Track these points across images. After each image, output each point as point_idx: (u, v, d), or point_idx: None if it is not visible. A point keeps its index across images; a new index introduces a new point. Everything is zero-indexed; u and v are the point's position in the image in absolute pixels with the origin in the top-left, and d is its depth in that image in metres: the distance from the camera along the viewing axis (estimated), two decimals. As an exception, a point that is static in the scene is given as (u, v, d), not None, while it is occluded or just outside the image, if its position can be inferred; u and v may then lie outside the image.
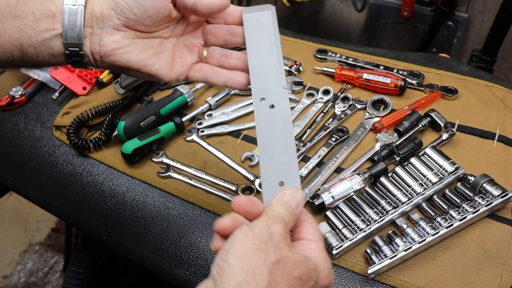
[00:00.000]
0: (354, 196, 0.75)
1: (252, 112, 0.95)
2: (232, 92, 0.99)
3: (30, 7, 0.54)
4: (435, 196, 0.74)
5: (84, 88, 1.03)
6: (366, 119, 0.90)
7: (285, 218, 0.47)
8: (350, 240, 0.69)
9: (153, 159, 0.89)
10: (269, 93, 0.57)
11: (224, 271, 0.40)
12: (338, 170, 0.82)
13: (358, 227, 0.71)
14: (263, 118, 0.57)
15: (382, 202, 0.73)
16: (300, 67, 1.03)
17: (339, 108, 0.93)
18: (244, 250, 0.41)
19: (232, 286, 0.39)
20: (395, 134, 0.86)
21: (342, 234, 0.71)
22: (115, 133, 0.92)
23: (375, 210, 0.73)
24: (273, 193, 0.52)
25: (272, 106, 0.57)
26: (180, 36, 0.62)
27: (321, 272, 0.46)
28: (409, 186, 0.75)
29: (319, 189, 0.78)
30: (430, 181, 0.75)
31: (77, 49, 0.55)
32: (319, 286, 0.46)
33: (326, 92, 0.96)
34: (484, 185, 0.72)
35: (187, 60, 0.62)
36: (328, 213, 0.74)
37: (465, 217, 0.68)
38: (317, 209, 0.74)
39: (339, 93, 0.96)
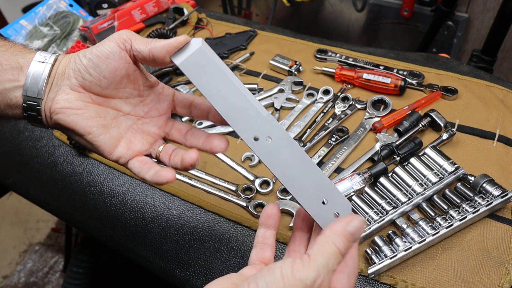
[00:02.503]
0: (354, 196, 0.75)
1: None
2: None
3: None
4: (435, 196, 0.74)
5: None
6: (366, 119, 0.90)
7: (339, 259, 0.42)
8: (350, 240, 0.69)
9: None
10: (257, 129, 0.52)
11: None
12: (338, 170, 0.82)
13: (358, 227, 0.71)
14: (267, 155, 0.52)
15: (382, 202, 0.73)
16: (300, 67, 1.03)
17: (339, 108, 0.93)
18: None
19: None
20: (395, 134, 0.86)
21: (342, 234, 0.71)
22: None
23: (375, 210, 0.73)
24: (324, 214, 0.51)
25: (268, 138, 0.52)
26: (140, 118, 0.59)
27: None
28: (409, 186, 0.75)
29: (319, 189, 0.78)
30: (430, 181, 0.75)
31: (35, 103, 0.55)
32: None
33: (326, 92, 0.96)
34: (484, 185, 0.72)
35: (135, 146, 0.58)
36: (328, 213, 0.74)
37: (465, 217, 0.68)
38: (317, 209, 0.74)
39: (339, 93, 0.96)
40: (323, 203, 0.52)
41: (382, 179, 0.76)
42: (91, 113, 0.56)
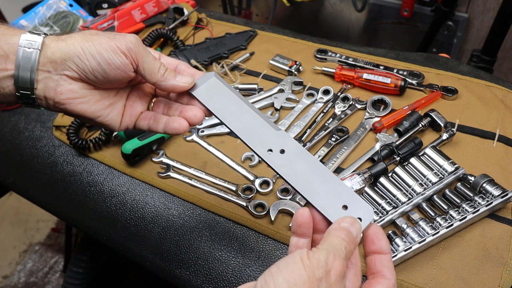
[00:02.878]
0: (354, 196, 0.75)
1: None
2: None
3: None
4: (435, 196, 0.74)
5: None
6: (366, 119, 0.90)
7: (347, 248, 0.46)
8: (350, 240, 0.69)
9: (153, 159, 0.89)
10: (271, 143, 0.57)
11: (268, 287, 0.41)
12: (338, 170, 0.82)
13: (358, 227, 0.71)
14: (282, 167, 0.55)
15: (382, 202, 0.73)
16: (300, 67, 1.03)
17: (339, 108, 0.93)
18: (296, 277, 0.40)
19: None
20: (395, 134, 0.86)
21: (342, 234, 0.71)
22: (115, 133, 0.92)
23: (375, 210, 0.73)
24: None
25: (282, 151, 0.56)
26: (135, 85, 0.64)
27: None
28: (409, 186, 0.75)
29: (319, 189, 0.78)
30: (430, 181, 0.75)
31: (29, 92, 0.54)
32: None
33: (326, 92, 0.96)
34: (484, 185, 0.72)
35: (136, 109, 0.62)
36: (328, 213, 0.74)
37: (465, 217, 0.68)
38: (317, 209, 0.74)
39: (339, 93, 0.96)
40: (344, 209, 0.52)
41: (382, 179, 0.76)
42: (96, 98, 0.58)
